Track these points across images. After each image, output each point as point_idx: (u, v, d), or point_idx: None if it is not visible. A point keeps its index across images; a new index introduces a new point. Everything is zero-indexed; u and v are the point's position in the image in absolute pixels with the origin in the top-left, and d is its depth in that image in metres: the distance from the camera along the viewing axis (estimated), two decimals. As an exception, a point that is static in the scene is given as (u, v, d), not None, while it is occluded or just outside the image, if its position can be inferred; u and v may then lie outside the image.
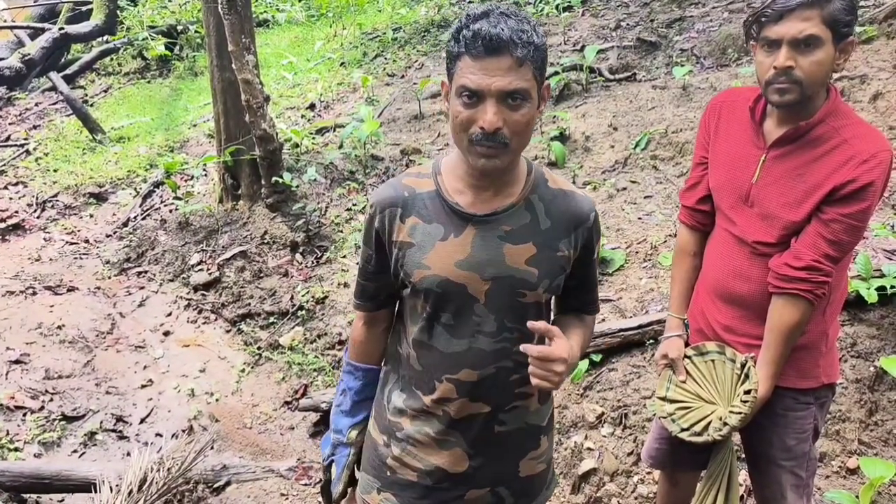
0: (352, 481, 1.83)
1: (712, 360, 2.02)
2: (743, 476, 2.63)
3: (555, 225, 1.56)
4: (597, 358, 3.46)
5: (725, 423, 1.93)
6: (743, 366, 1.93)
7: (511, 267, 1.53)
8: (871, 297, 3.00)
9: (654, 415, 2.25)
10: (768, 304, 1.89)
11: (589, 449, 3.15)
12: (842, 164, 1.75)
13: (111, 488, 2.90)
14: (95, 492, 2.92)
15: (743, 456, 2.30)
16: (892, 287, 3.05)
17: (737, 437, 2.20)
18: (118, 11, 9.33)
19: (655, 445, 2.29)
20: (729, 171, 1.96)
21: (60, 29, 8.77)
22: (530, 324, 1.43)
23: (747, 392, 1.89)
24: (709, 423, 1.98)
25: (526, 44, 1.37)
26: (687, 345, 2.12)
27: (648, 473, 3.00)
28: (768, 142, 1.87)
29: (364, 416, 1.80)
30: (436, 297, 1.55)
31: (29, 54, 8.42)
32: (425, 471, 1.67)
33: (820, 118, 1.79)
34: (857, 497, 2.51)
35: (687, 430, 2.02)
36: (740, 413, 1.89)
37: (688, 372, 2.07)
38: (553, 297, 1.69)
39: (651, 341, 3.44)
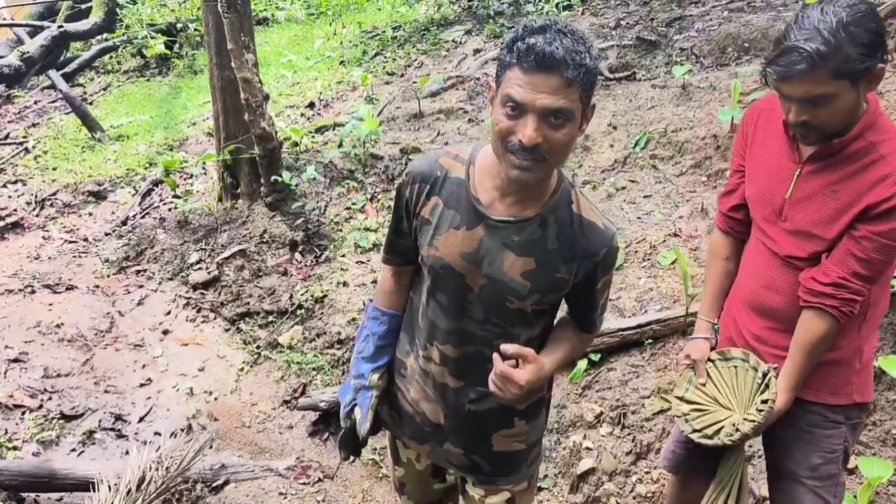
0: (376, 423, 1.92)
1: (735, 367, 1.99)
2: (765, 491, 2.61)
3: (562, 248, 1.58)
4: (595, 357, 3.46)
5: (737, 430, 1.91)
6: (765, 375, 1.90)
7: (506, 274, 1.59)
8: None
9: (672, 416, 2.24)
10: (799, 317, 1.86)
11: (587, 448, 3.15)
12: (878, 181, 1.68)
13: (110, 487, 2.90)
14: (94, 491, 2.92)
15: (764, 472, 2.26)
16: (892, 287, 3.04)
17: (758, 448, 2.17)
18: (117, 9, 9.31)
19: (672, 448, 2.26)
20: (764, 184, 1.91)
21: (60, 27, 8.76)
22: (503, 347, 1.52)
23: (764, 402, 1.87)
24: (721, 427, 1.96)
25: (578, 65, 1.38)
26: (713, 349, 2.10)
27: (647, 473, 3.01)
28: (803, 156, 1.81)
29: (386, 360, 1.90)
30: (436, 276, 1.67)
31: (28, 52, 8.41)
32: (415, 410, 1.86)
33: (856, 133, 1.72)
34: (855, 497, 2.51)
35: (699, 431, 2.01)
36: (754, 422, 1.87)
37: (709, 375, 2.04)
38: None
39: (650, 341, 3.44)
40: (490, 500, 1.88)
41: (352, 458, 1.99)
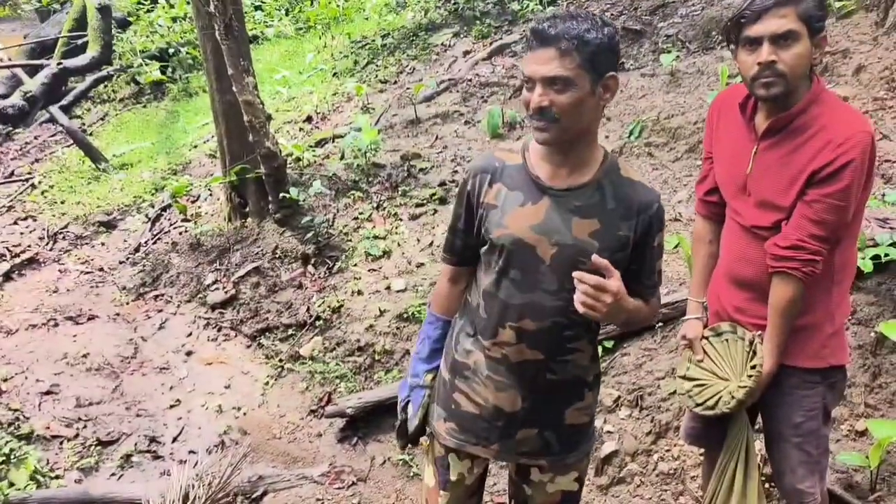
0: (426, 419, 2.08)
1: (726, 340, 2.15)
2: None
3: (619, 207, 1.78)
4: (609, 344, 3.58)
5: (733, 397, 2.06)
6: (751, 343, 2.06)
7: (575, 237, 1.76)
8: (867, 266, 3.13)
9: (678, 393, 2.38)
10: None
11: (609, 432, 3.28)
12: (820, 148, 1.88)
13: (156, 506, 3.03)
14: (141, 511, 3.05)
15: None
16: (885, 255, 3.17)
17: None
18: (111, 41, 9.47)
19: (690, 424, 2.41)
20: (728, 165, 2.11)
21: (59, 64, 8.92)
22: (594, 258, 1.65)
23: (753, 367, 2.02)
24: (720, 398, 2.11)
25: (572, 38, 1.62)
26: (706, 326, 2.26)
27: (668, 451, 3.13)
28: (759, 133, 2.01)
29: (439, 362, 2.08)
30: (508, 254, 1.81)
31: (31, 91, 8.57)
32: (484, 406, 1.92)
33: (801, 108, 1.93)
34: (867, 457, 2.64)
35: (701, 405, 2.16)
36: (746, 387, 2.03)
37: (705, 351, 2.20)
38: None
39: (660, 324, 3.56)
40: (559, 480, 1.99)
41: (409, 446, 2.15)
